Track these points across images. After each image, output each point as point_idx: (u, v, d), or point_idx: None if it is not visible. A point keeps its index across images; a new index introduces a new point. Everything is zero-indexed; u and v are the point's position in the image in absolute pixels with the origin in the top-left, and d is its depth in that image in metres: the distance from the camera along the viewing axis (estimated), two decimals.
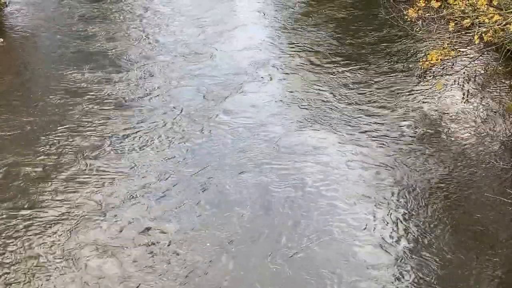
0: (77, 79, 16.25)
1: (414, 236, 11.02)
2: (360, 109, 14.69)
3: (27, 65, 17.30)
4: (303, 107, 14.81)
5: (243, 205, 11.72)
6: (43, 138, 13.78)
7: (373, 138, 13.65)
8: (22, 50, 18.26)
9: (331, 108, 14.74)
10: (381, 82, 15.89)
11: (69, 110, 14.84)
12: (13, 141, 13.62)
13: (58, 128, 14.13)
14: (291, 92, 15.49)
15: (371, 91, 15.45)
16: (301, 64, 16.77)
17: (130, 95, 15.53)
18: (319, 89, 15.52)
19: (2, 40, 18.76)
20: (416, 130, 14.01)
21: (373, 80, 15.94)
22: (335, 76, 16.13)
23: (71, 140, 13.74)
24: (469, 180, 12.37)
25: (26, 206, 11.72)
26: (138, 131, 14.05)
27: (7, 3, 20.77)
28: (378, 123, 14.15)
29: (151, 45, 18.16)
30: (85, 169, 12.78)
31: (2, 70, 16.89)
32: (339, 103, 14.95)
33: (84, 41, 18.41)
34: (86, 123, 14.35)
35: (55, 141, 13.69)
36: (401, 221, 11.34)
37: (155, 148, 13.45)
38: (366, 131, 13.87)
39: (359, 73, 16.28)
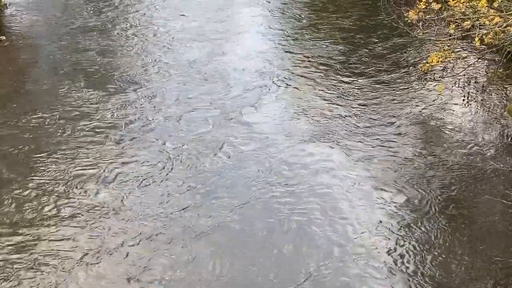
0: (73, 96, 15.42)
1: (415, 240, 10.99)
2: (365, 118, 14.52)
3: (25, 70, 16.93)
4: (312, 121, 14.40)
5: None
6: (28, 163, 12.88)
7: (376, 145, 13.64)
8: (20, 53, 18.08)
9: (341, 123, 14.31)
10: (383, 88, 15.88)
11: (62, 132, 13.96)
12: None
13: (44, 154, 13.20)
14: (300, 106, 15.04)
15: (372, 97, 15.44)
16: (306, 75, 16.40)
17: (131, 118, 14.60)
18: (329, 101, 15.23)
19: (4, 38, 18.77)
20: (416, 131, 13.98)
21: (375, 86, 15.90)
22: (341, 86, 15.87)
23: (59, 170, 12.69)
24: (470, 183, 12.33)
25: None
26: (137, 161, 13.06)
27: (7, 4, 20.78)
28: (378, 125, 14.16)
29: (154, 60, 17.34)
30: (78, 207, 11.72)
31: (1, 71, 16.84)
32: (346, 113, 14.77)
33: (83, 51, 17.82)
34: (79, 148, 13.42)
35: (40, 169, 12.72)
36: (403, 226, 11.32)
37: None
38: (370, 139, 13.85)
39: (363, 80, 16.17)
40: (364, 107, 14.93)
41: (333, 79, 16.15)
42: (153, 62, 17.25)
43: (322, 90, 15.63)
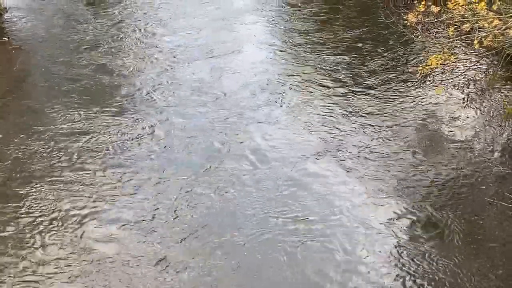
0: (65, 116, 14.79)
1: (411, 241, 10.98)
2: (373, 131, 14.31)
3: (22, 76, 16.72)
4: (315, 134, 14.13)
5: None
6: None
7: (375, 147, 13.65)
8: (17, 59, 17.83)
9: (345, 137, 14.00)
10: (382, 91, 15.89)
11: (55, 156, 13.34)
12: None
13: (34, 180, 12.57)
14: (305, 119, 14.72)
15: (374, 103, 15.44)
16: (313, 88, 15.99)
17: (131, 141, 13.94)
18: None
19: (7, 39, 18.79)
20: (415, 134, 13.98)
21: (378, 95, 15.89)
22: (350, 98, 15.59)
23: (51, 202, 12.03)
24: (469, 185, 12.34)
25: None
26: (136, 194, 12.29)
27: (6, 8, 20.77)
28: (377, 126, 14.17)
29: (154, 79, 16.63)
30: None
31: None
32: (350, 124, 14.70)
33: (80, 65, 17.30)
34: (72, 177, 12.70)
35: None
36: (399, 228, 11.31)
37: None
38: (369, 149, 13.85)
39: (371, 91, 16.12)
40: (372, 118, 14.69)
41: (340, 92, 15.78)
42: (153, 81, 16.50)
43: (329, 103, 15.26)
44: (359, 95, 15.50)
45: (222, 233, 11.16)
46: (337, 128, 14.19)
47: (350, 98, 15.39)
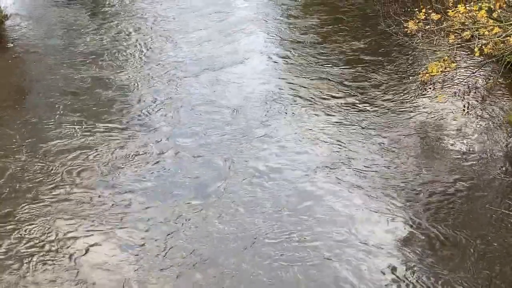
0: (65, 130, 14.52)
1: (415, 249, 10.97)
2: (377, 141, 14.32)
3: (21, 88, 16.56)
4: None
5: None
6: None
7: (376, 152, 13.65)
8: (18, 67, 17.84)
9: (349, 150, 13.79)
10: (383, 98, 15.90)
11: (48, 173, 12.98)
12: None
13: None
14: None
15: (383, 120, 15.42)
16: (317, 100, 15.78)
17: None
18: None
19: (12, 44, 18.85)
20: (416, 142, 13.98)
21: (382, 104, 15.88)
22: (355, 110, 15.50)
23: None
24: (471, 193, 12.32)
25: None
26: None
27: (8, 16, 20.80)
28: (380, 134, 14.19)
29: (154, 94, 16.25)
30: None
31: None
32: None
33: (80, 78, 17.02)
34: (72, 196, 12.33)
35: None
36: (401, 237, 11.31)
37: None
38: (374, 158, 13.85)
39: (374, 101, 16.11)
40: (376, 129, 14.56)
41: (344, 104, 15.59)
42: (153, 96, 16.12)
43: (334, 116, 15.09)
44: (363, 107, 15.35)
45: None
46: (341, 141, 13.98)
47: (355, 110, 15.23)
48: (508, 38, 12.65)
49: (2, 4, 20.88)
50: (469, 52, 16.77)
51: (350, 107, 15.42)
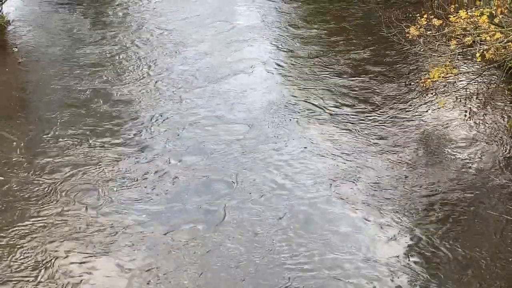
0: (63, 146, 14.08)
1: (414, 255, 10.96)
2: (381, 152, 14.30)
3: (22, 99, 16.42)
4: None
5: None
6: None
7: (377, 156, 13.66)
8: (22, 74, 17.80)
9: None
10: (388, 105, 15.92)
11: (43, 191, 12.49)
12: None
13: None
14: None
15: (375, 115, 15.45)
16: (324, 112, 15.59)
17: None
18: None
19: (16, 48, 18.93)
20: (417, 147, 13.98)
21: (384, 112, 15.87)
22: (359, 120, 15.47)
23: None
24: (472, 198, 12.30)
25: None
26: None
27: (10, 21, 20.85)
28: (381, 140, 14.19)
29: (158, 109, 15.83)
30: None
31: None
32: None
33: (81, 90, 16.73)
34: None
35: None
36: (400, 243, 11.29)
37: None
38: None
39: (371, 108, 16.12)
40: (381, 141, 14.40)
41: (350, 116, 15.43)
42: (157, 110, 15.74)
43: (340, 128, 14.92)
44: (369, 117, 15.26)
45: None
46: (348, 154, 13.79)
47: (361, 122, 15.09)
48: (510, 43, 12.67)
49: (4, 9, 20.93)
50: (470, 58, 16.79)
51: (356, 116, 15.30)
